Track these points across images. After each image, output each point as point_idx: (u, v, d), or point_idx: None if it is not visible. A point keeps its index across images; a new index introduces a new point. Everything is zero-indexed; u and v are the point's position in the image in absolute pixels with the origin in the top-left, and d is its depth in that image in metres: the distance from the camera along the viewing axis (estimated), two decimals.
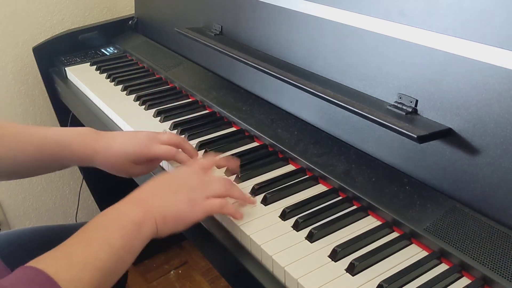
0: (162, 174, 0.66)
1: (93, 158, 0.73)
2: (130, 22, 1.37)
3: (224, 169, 0.75)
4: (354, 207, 0.67)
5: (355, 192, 0.67)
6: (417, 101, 0.66)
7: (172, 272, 1.57)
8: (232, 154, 0.80)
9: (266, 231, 0.63)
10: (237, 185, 0.69)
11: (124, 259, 0.55)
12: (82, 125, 1.15)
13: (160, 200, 0.61)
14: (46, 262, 0.49)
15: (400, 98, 0.68)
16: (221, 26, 1.02)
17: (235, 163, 0.74)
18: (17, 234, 0.87)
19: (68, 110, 1.24)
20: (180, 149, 0.76)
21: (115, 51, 1.32)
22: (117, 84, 1.11)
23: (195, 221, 0.62)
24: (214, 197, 0.63)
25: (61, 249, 0.52)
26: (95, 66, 1.21)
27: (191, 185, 0.63)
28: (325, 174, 0.71)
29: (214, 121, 0.92)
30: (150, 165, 0.77)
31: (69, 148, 0.72)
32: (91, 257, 0.51)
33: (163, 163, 0.81)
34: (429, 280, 0.54)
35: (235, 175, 0.74)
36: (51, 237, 0.87)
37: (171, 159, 0.75)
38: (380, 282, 0.54)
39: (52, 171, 0.78)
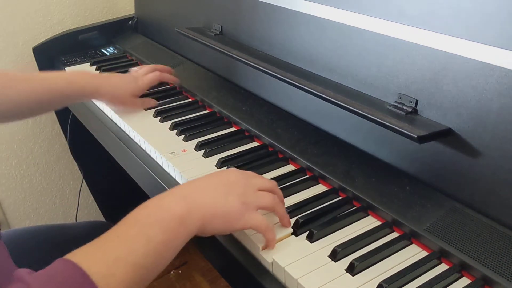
0: (211, 173, 0.63)
1: (97, 91, 0.91)
2: (130, 22, 1.37)
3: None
4: (354, 207, 0.67)
5: (355, 192, 0.67)
6: (417, 101, 0.66)
7: (172, 272, 1.57)
8: (232, 154, 0.80)
9: None
10: (283, 203, 0.65)
11: (163, 255, 0.52)
12: (82, 125, 1.15)
13: (211, 197, 0.57)
14: (81, 256, 0.48)
15: (400, 98, 0.68)
16: (221, 26, 1.02)
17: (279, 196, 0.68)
18: (17, 234, 0.87)
19: (68, 110, 1.24)
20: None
21: (115, 51, 1.32)
22: None
23: (240, 228, 0.59)
24: (261, 208, 0.61)
25: (96, 243, 0.50)
26: (95, 66, 1.21)
27: (242, 190, 0.60)
28: (325, 174, 0.71)
29: (214, 121, 0.92)
30: (143, 100, 0.97)
31: (78, 83, 0.89)
32: (126, 252, 0.49)
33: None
34: (429, 280, 0.54)
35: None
36: (51, 237, 0.87)
37: (158, 81, 1.00)
38: (380, 282, 0.54)
39: (58, 108, 0.99)
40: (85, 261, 0.47)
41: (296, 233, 0.63)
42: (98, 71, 1.18)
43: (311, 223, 0.64)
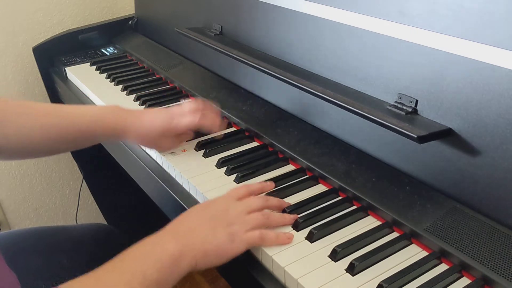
0: (197, 206, 0.65)
1: (125, 132, 0.77)
2: (130, 22, 1.37)
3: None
4: (354, 207, 0.67)
5: (355, 192, 0.67)
6: (417, 101, 0.66)
7: None
8: (232, 154, 0.80)
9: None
10: (276, 212, 0.66)
11: None
12: None
13: (199, 236, 0.58)
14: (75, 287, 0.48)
15: (400, 98, 0.68)
16: (221, 26, 1.02)
17: (270, 186, 0.71)
18: (17, 234, 0.87)
19: None
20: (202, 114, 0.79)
21: (115, 51, 1.32)
22: (117, 84, 1.11)
23: (236, 255, 0.59)
24: (253, 229, 0.61)
25: (92, 275, 0.51)
26: (95, 66, 1.21)
27: (229, 219, 0.61)
28: (325, 174, 0.71)
29: None
30: (179, 138, 0.82)
31: (103, 122, 0.76)
32: (122, 287, 0.50)
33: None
34: (429, 280, 0.54)
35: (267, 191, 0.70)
36: (51, 237, 0.87)
37: (196, 127, 0.79)
38: (380, 282, 0.54)
39: (79, 148, 0.79)
40: None
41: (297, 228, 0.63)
42: (98, 71, 1.19)
43: (311, 223, 0.64)
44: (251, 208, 0.63)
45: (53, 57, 1.28)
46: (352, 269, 0.56)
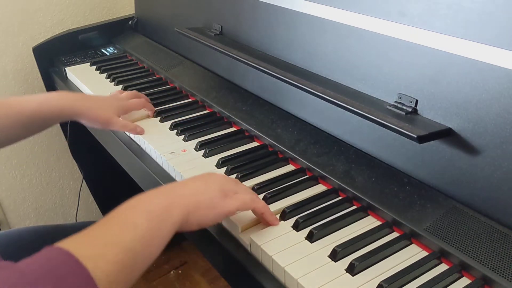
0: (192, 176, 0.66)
1: (76, 111, 0.85)
2: (130, 22, 1.37)
3: None
4: (354, 207, 0.67)
5: (355, 192, 0.67)
6: (417, 101, 0.66)
7: (172, 272, 1.57)
8: (232, 154, 0.80)
9: (266, 231, 0.63)
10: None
11: (151, 242, 0.53)
12: (82, 125, 1.15)
13: (192, 188, 0.60)
14: (68, 243, 0.48)
15: (400, 98, 0.68)
16: (221, 26, 1.02)
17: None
18: (17, 234, 0.87)
19: None
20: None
21: (115, 51, 1.32)
22: (117, 84, 1.11)
23: (227, 212, 0.61)
24: (240, 199, 0.62)
25: (84, 231, 0.51)
26: (95, 66, 1.21)
27: (221, 181, 0.63)
28: (325, 174, 0.71)
29: (214, 121, 0.92)
30: (127, 122, 0.90)
31: (48, 104, 0.83)
32: (113, 236, 0.50)
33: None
34: (429, 280, 0.54)
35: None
36: (51, 237, 0.87)
37: (141, 107, 0.94)
38: (380, 282, 0.54)
39: (34, 133, 0.87)
40: (72, 247, 0.47)
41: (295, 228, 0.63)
42: (98, 71, 1.19)
43: (311, 223, 0.64)
44: (242, 186, 0.66)
45: (53, 57, 1.28)
46: (352, 269, 0.56)
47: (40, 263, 0.44)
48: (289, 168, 0.77)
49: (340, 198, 0.69)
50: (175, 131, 0.89)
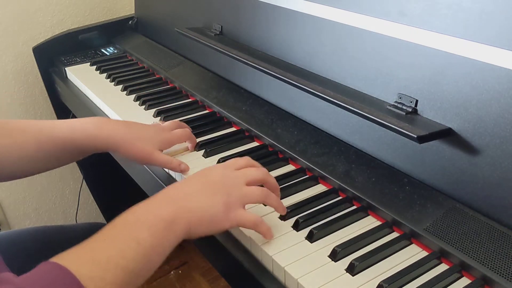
0: (194, 173, 0.64)
1: (112, 143, 0.74)
2: (130, 22, 1.37)
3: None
4: (354, 207, 0.67)
5: (355, 192, 0.67)
6: (417, 101, 0.66)
7: (172, 272, 1.57)
8: (232, 154, 0.80)
9: None
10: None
11: (152, 259, 0.52)
12: None
13: (197, 201, 0.58)
14: (69, 259, 0.47)
15: (400, 98, 0.68)
16: (221, 26, 1.02)
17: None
18: (17, 234, 0.87)
19: (68, 110, 1.24)
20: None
21: (115, 51, 1.32)
22: (117, 84, 1.11)
23: (227, 228, 0.59)
24: (249, 203, 0.61)
25: (85, 245, 0.50)
26: (95, 66, 1.21)
27: (229, 189, 0.60)
28: (325, 174, 0.71)
29: (214, 121, 0.92)
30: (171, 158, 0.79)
31: (82, 130, 0.73)
32: (116, 255, 0.49)
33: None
34: (429, 280, 0.54)
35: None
36: (51, 237, 0.87)
37: (186, 139, 0.81)
38: (380, 282, 0.54)
39: (63, 163, 0.78)
40: (73, 264, 0.46)
41: (297, 228, 0.63)
42: (98, 71, 1.19)
43: (311, 223, 0.64)
44: (250, 178, 0.62)
45: (53, 57, 1.28)
46: (352, 269, 0.56)
47: (41, 283, 0.44)
48: (289, 168, 0.77)
49: (340, 198, 0.69)
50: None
